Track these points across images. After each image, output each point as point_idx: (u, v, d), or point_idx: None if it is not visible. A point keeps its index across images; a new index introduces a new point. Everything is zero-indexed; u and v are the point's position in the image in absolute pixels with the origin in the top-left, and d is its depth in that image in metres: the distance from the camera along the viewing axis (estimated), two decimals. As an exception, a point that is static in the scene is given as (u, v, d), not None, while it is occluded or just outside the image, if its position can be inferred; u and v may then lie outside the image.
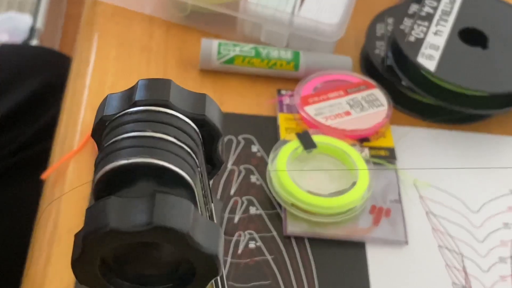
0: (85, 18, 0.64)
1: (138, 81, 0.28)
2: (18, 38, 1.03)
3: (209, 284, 0.28)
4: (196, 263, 0.26)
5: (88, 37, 0.62)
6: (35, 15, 1.06)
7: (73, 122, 0.56)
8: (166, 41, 0.62)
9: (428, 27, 0.60)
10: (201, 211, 0.27)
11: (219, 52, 0.59)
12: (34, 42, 1.03)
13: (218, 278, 0.31)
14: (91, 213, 0.25)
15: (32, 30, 1.04)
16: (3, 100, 0.69)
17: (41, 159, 0.60)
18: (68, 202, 0.51)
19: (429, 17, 0.60)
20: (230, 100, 0.59)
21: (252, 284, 0.49)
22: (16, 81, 0.70)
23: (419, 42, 0.58)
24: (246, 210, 0.52)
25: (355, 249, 0.51)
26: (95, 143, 0.54)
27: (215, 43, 0.59)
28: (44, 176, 0.54)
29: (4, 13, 1.05)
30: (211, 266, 0.26)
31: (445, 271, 0.51)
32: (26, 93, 0.69)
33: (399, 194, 0.54)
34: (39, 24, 1.05)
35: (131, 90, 0.28)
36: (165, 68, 0.60)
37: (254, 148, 0.56)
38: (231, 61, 0.59)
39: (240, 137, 0.56)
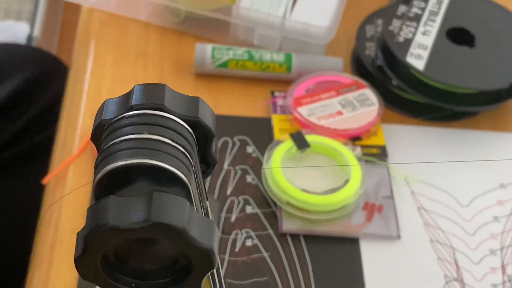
0: (82, 25, 0.66)
1: (134, 86, 0.30)
2: (16, 46, 1.04)
3: (206, 279, 0.30)
4: (192, 257, 0.27)
5: (85, 44, 0.64)
6: (32, 23, 1.08)
7: (72, 127, 0.57)
8: (161, 47, 0.63)
9: (416, 28, 0.61)
10: (196, 208, 0.29)
11: (213, 56, 0.61)
12: (32, 50, 1.05)
13: (215, 272, 0.32)
14: (92, 212, 0.27)
15: (30, 38, 1.05)
16: None
17: (25, 157, 0.61)
18: (69, 205, 0.52)
19: (417, 18, 0.62)
20: (225, 103, 0.60)
21: (249, 281, 0.50)
22: None
23: (408, 42, 0.60)
24: (243, 209, 0.54)
25: (349, 245, 0.52)
26: (94, 147, 0.55)
27: (209, 47, 0.61)
28: (44, 181, 0.55)
29: (2, 22, 1.06)
30: (206, 259, 0.27)
31: (437, 264, 0.52)
32: (8, 91, 0.69)
33: (391, 191, 0.55)
34: (36, 32, 1.07)
35: (128, 95, 0.30)
36: (161, 72, 0.62)
37: (249, 149, 0.57)
38: (225, 64, 0.61)
39: (235, 139, 0.58)
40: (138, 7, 0.64)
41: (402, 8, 0.63)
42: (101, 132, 0.29)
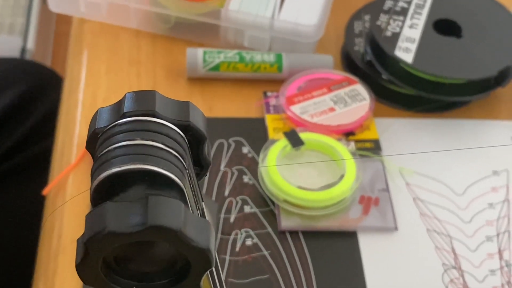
0: (74, 36, 0.66)
1: (125, 94, 0.31)
2: (10, 60, 1.05)
3: (205, 279, 0.30)
4: (190, 258, 0.28)
5: (78, 54, 0.64)
6: (25, 36, 1.08)
7: (69, 137, 0.58)
8: (153, 53, 0.64)
9: (403, 21, 0.62)
10: (192, 210, 0.30)
11: (204, 60, 0.61)
12: (26, 63, 1.05)
13: (214, 272, 0.33)
14: (90, 219, 0.27)
15: (24, 51, 1.06)
16: None
17: (23, 169, 0.62)
18: (70, 214, 0.53)
19: (404, 12, 0.63)
20: (219, 105, 0.61)
21: (251, 279, 0.51)
22: None
23: (396, 36, 0.61)
24: (241, 209, 0.54)
25: (347, 239, 0.53)
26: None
27: (200, 51, 0.62)
28: (45, 191, 0.56)
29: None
30: (204, 259, 0.28)
31: (435, 253, 0.53)
32: (4, 104, 0.70)
33: (386, 183, 0.56)
34: (30, 44, 1.07)
35: (120, 103, 0.30)
36: (154, 79, 0.62)
37: (245, 150, 0.58)
38: (216, 68, 0.62)
39: (230, 140, 0.59)
40: (128, 15, 0.65)
41: (388, 3, 0.63)
42: (95, 140, 0.30)
